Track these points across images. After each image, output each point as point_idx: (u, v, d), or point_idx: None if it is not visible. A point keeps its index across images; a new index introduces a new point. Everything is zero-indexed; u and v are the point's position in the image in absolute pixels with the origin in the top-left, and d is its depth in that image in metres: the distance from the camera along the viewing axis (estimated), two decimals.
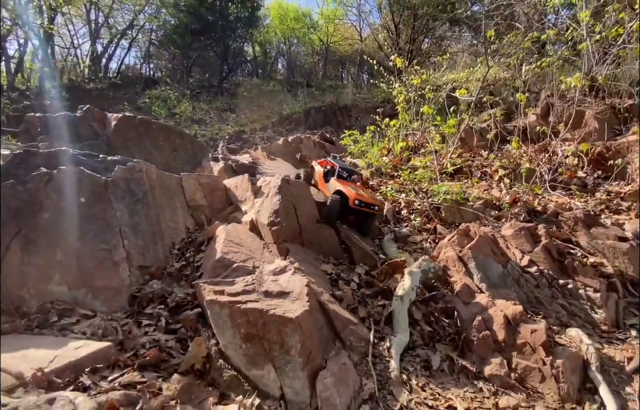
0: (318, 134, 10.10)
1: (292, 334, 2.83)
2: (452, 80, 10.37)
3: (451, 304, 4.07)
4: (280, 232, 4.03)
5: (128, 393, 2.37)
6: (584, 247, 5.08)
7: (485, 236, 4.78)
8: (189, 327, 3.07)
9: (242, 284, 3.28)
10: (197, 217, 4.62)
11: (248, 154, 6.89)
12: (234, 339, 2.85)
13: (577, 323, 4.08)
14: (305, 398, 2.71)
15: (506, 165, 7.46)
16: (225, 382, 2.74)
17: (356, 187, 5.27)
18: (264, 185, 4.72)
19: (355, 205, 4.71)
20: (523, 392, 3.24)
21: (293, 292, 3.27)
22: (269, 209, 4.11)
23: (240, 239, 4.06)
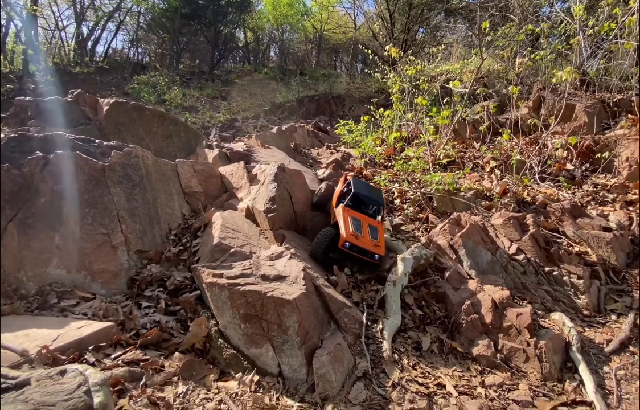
0: (312, 123, 10.19)
1: (289, 314, 2.98)
2: (446, 72, 10.53)
3: (442, 289, 4.27)
4: (276, 218, 4.15)
5: (132, 369, 2.49)
6: (569, 236, 5.33)
7: (476, 225, 4.98)
8: (188, 309, 3.19)
9: (240, 268, 3.41)
10: (192, 204, 4.71)
11: (242, 142, 6.95)
12: (233, 320, 2.99)
13: (560, 308, 4.32)
14: (302, 375, 2.88)
15: (497, 157, 7.68)
16: (225, 360, 2.89)
17: (368, 223, 4.33)
18: (260, 172, 4.82)
19: (345, 249, 4.01)
20: (508, 371, 3.46)
21: (290, 276, 3.41)
22: (265, 196, 4.22)
23: (236, 225, 4.18)
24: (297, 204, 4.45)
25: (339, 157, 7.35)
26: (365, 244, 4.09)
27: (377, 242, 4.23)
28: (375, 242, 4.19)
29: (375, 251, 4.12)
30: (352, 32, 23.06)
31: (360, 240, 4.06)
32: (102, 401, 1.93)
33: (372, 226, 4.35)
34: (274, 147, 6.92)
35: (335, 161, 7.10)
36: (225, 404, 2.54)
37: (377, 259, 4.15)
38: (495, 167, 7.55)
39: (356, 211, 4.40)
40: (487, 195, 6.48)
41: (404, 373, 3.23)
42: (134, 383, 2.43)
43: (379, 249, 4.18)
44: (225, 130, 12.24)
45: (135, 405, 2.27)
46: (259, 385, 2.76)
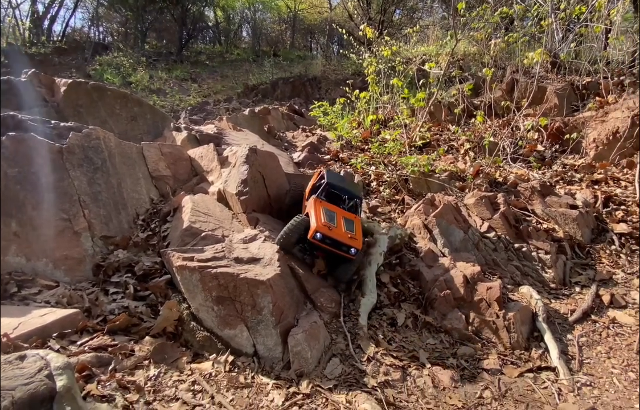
0: (287, 105, 10.12)
1: (263, 295, 3.04)
2: (422, 54, 10.71)
3: (416, 267, 4.46)
4: (249, 201, 4.16)
5: (99, 355, 2.48)
6: (538, 214, 5.66)
7: (449, 205, 5.20)
8: (158, 294, 3.18)
9: (211, 252, 3.42)
10: (161, 188, 4.63)
11: (213, 124, 6.83)
12: (205, 302, 3.01)
13: (529, 281, 4.62)
14: (277, 353, 2.96)
15: (471, 139, 7.97)
16: (199, 343, 2.92)
17: (343, 216, 3.99)
18: (231, 155, 4.78)
19: (315, 241, 3.61)
20: (479, 342, 3.70)
21: (264, 258, 3.46)
22: (237, 178, 4.21)
23: (208, 209, 4.16)
24: (271, 186, 4.47)
25: (315, 140, 7.39)
26: (340, 235, 3.69)
27: (353, 234, 3.81)
28: (350, 235, 3.79)
29: (351, 244, 3.72)
30: (327, 12, 22.86)
31: (334, 232, 3.66)
32: (65, 384, 1.93)
33: (348, 219, 3.97)
34: (247, 130, 6.85)
35: (311, 144, 7.14)
36: (198, 384, 2.58)
37: (353, 254, 3.74)
38: (469, 149, 7.84)
39: (331, 204, 4.07)
40: (461, 176, 6.75)
41: (379, 348, 3.38)
42: (102, 368, 2.42)
43: (355, 242, 3.76)
44: (195, 114, 11.94)
45: (104, 390, 2.27)
46: (233, 366, 2.82)
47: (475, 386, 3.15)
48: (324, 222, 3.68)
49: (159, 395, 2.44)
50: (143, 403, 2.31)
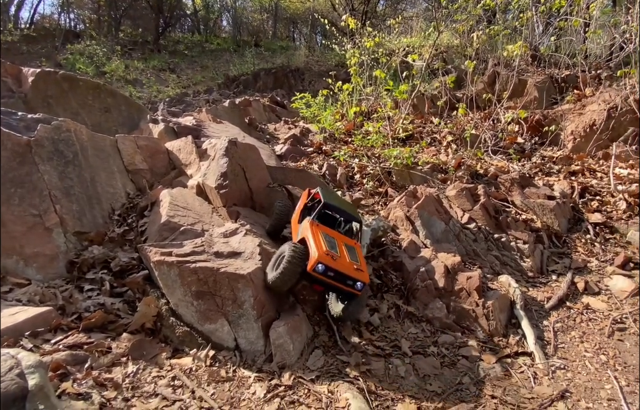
0: (268, 97, 10.05)
1: (244, 289, 3.07)
2: (406, 45, 10.83)
3: (398, 258, 4.57)
4: (229, 195, 4.15)
5: (75, 353, 2.46)
6: (517, 205, 5.87)
7: (430, 196, 5.33)
8: (136, 290, 3.16)
9: (191, 246, 3.41)
10: (137, 182, 4.56)
11: (191, 116, 6.73)
12: (185, 297, 3.02)
13: (508, 271, 4.80)
14: (259, 347, 3.00)
15: (454, 131, 8.15)
16: (179, 338, 2.93)
17: (344, 242, 3.55)
18: (210, 147, 4.75)
19: (316, 273, 3.09)
20: (459, 331, 3.84)
21: (245, 252, 3.48)
22: (216, 172, 4.20)
23: (186, 203, 4.13)
24: (252, 180, 4.47)
25: (298, 133, 7.40)
26: (345, 267, 3.18)
27: (358, 265, 3.33)
28: (356, 266, 3.30)
29: (358, 277, 3.22)
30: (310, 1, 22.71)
31: (338, 262, 3.15)
32: (37, 383, 1.92)
33: (349, 246, 3.53)
34: (227, 122, 6.79)
35: (294, 136, 7.14)
36: (179, 379, 2.60)
37: (359, 288, 3.26)
38: (451, 141, 8.02)
39: (327, 227, 3.60)
40: (443, 168, 6.91)
41: (362, 338, 3.47)
42: (77, 366, 2.40)
43: (361, 275, 3.27)
44: (174, 105, 11.75)
45: (80, 388, 2.26)
46: (214, 360, 2.85)
47: (455, 373, 3.28)
48: (326, 250, 3.16)
49: (138, 392, 2.45)
50: (121, 400, 2.31)
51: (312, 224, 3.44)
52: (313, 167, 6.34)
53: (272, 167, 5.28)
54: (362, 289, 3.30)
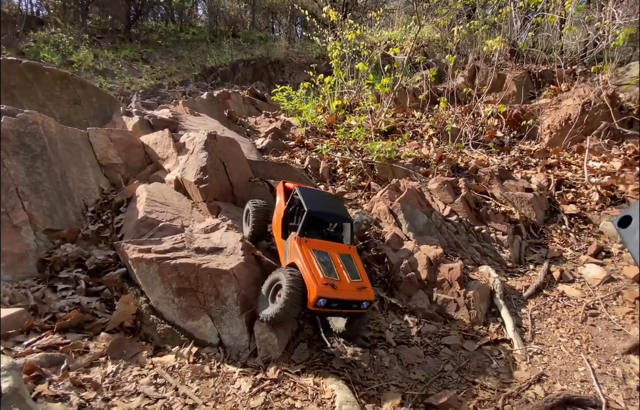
0: (248, 89, 9.97)
1: (227, 284, 3.08)
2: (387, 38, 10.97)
3: (382, 251, 4.68)
4: (209, 190, 4.13)
5: (50, 354, 2.42)
6: (497, 197, 6.10)
7: (413, 190, 5.47)
8: (113, 288, 3.12)
9: (170, 243, 3.39)
10: (111, 177, 4.46)
11: (168, 109, 6.61)
12: (165, 294, 3.01)
13: (487, 261, 5.01)
14: (244, 342, 3.03)
15: (435, 125, 8.36)
16: (160, 336, 2.92)
17: (338, 252, 3.29)
18: (188, 141, 4.69)
19: (318, 308, 2.88)
20: (441, 320, 3.99)
21: (227, 248, 3.49)
22: (195, 166, 4.16)
23: (165, 198, 4.08)
24: (233, 174, 4.46)
25: (279, 126, 7.40)
26: (347, 291, 2.97)
27: (359, 281, 3.12)
28: (358, 284, 3.08)
29: (362, 298, 3.04)
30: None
31: (340, 289, 2.93)
32: (11, 386, 1.89)
33: (345, 256, 3.28)
34: (205, 115, 6.71)
35: (275, 130, 7.14)
36: (161, 377, 2.60)
37: (364, 307, 3.12)
38: (433, 135, 8.23)
39: (317, 239, 3.30)
40: (425, 162, 7.09)
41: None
42: (53, 368, 2.36)
43: (366, 293, 3.09)
44: (148, 97, 11.47)
45: (57, 389, 2.23)
46: (198, 356, 2.86)
47: (437, 361, 3.42)
48: (324, 278, 2.90)
49: (118, 391, 2.43)
50: (101, 400, 2.30)
51: (300, 242, 3.11)
52: (295, 161, 6.36)
53: (253, 161, 5.28)
54: (368, 307, 3.14)
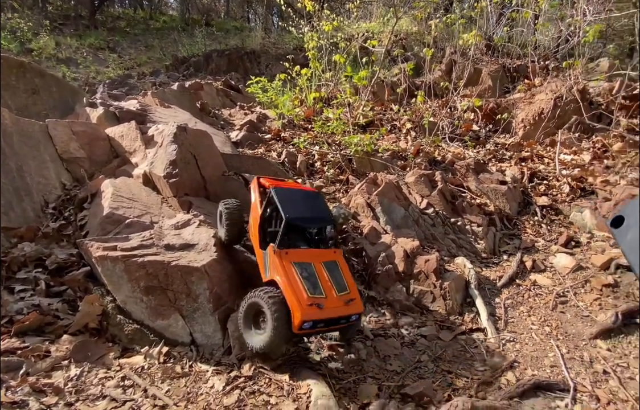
0: (221, 80, 9.78)
1: (198, 282, 3.04)
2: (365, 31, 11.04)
3: (360, 245, 4.74)
4: (179, 184, 4.04)
5: (7, 359, 2.31)
6: (472, 190, 6.28)
7: (390, 183, 5.55)
8: (77, 288, 3.01)
9: (138, 240, 3.30)
10: (74, 172, 4.29)
11: (135, 100, 6.39)
12: (133, 293, 2.93)
13: (463, 252, 5.15)
14: (217, 340, 3.00)
15: (413, 118, 8.49)
16: (128, 336, 2.85)
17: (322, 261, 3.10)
18: (157, 134, 4.57)
19: (304, 331, 2.74)
20: (418, 311, 4.09)
21: (199, 244, 3.43)
22: (164, 159, 4.06)
23: (132, 193, 3.97)
24: (205, 168, 4.37)
25: (254, 119, 7.31)
26: (335, 308, 2.84)
27: (347, 294, 2.98)
28: (345, 297, 2.95)
29: (351, 312, 2.93)
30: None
31: (326, 307, 2.77)
32: None
33: (330, 264, 3.11)
34: (176, 107, 6.54)
35: (250, 122, 7.05)
36: (129, 379, 2.53)
37: (354, 320, 3.06)
38: (411, 128, 8.37)
39: (298, 248, 3.11)
40: (403, 155, 7.20)
41: None
42: (11, 373, 2.26)
43: (354, 306, 2.97)
44: (116, 88, 11.07)
45: (15, 396, 2.14)
46: (169, 356, 2.81)
47: (414, 352, 3.50)
48: (308, 298, 2.72)
49: (82, 395, 2.36)
50: (63, 405, 2.22)
51: (279, 256, 2.88)
52: (271, 155, 6.32)
53: (227, 155, 5.20)
54: (357, 319, 3.07)
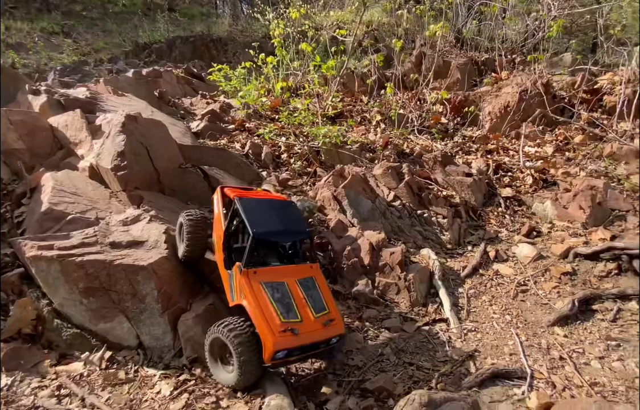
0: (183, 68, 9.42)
1: (145, 281, 2.89)
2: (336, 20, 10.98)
3: (326, 239, 4.70)
4: (129, 177, 3.83)
5: None
6: (439, 182, 6.38)
7: (357, 175, 5.54)
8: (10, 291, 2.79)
9: (80, 237, 3.11)
10: (12, 164, 4.00)
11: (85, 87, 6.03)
12: (71, 296, 2.75)
13: (429, 244, 5.22)
14: (167, 342, 2.87)
15: (382, 110, 8.54)
16: (66, 342, 2.68)
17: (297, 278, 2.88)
18: (104, 123, 4.32)
19: (278, 361, 2.56)
20: (382, 304, 4.10)
21: (149, 241, 3.27)
22: (112, 151, 3.84)
23: (76, 187, 3.74)
24: (159, 160, 4.17)
25: (217, 108, 7.08)
26: (312, 333, 2.63)
27: (325, 314, 2.78)
28: (324, 317, 2.74)
29: (330, 335, 2.74)
30: None
31: (302, 332, 2.57)
32: None
33: (305, 281, 2.89)
34: (131, 95, 6.23)
35: (212, 112, 6.83)
36: (66, 388, 2.37)
37: (335, 343, 2.87)
38: (380, 120, 8.41)
39: (269, 267, 2.86)
40: (372, 147, 7.22)
41: None
42: None
43: (335, 327, 2.78)
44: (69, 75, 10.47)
45: None
46: (112, 361, 2.66)
47: (377, 345, 3.50)
48: (282, 323, 2.50)
49: (12, 407, 2.19)
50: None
51: (246, 276, 2.63)
52: (235, 146, 6.15)
53: (186, 146, 5.01)
54: (338, 341, 2.86)
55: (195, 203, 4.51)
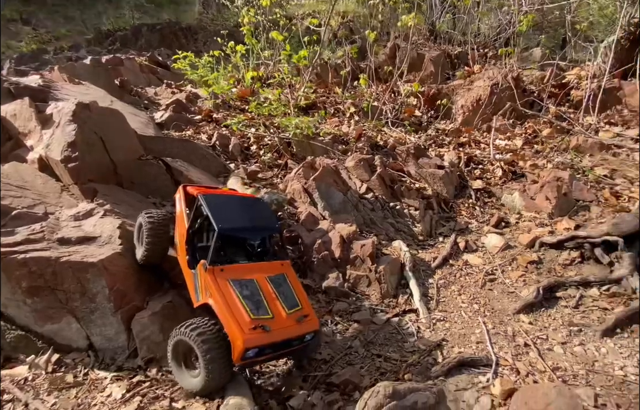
0: (147, 56, 9.08)
1: (95, 279, 2.75)
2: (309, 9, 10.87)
3: (295, 232, 4.64)
4: (81, 169, 3.63)
5: None
6: (412, 174, 6.44)
7: (328, 167, 5.50)
8: None
9: (25, 233, 2.93)
10: None
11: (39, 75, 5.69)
12: (14, 295, 2.59)
13: (401, 236, 5.25)
14: (120, 342, 2.74)
15: (356, 102, 8.53)
16: (10, 344, 2.55)
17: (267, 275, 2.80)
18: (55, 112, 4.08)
19: (248, 360, 2.47)
20: (353, 297, 4.09)
21: (102, 236, 3.12)
22: (62, 141, 3.62)
23: (24, 181, 3.52)
24: (116, 151, 3.98)
25: (183, 98, 6.87)
26: (285, 330, 2.56)
27: (298, 310, 2.73)
28: (297, 313, 2.69)
29: (304, 331, 2.66)
30: None
31: (274, 329, 2.49)
32: None
33: (276, 278, 2.82)
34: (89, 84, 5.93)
35: (178, 102, 6.61)
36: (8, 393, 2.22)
37: (309, 339, 2.77)
38: (354, 112, 8.40)
39: (237, 264, 2.77)
40: (345, 139, 7.20)
41: None
42: None
43: (308, 324, 2.71)
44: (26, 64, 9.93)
45: None
46: (60, 364, 2.52)
47: (346, 338, 3.49)
48: (251, 320, 2.42)
49: None
50: None
51: (212, 273, 2.53)
52: (201, 137, 5.98)
53: (147, 137, 4.82)
54: (312, 338, 2.77)
55: (156, 196, 4.34)
